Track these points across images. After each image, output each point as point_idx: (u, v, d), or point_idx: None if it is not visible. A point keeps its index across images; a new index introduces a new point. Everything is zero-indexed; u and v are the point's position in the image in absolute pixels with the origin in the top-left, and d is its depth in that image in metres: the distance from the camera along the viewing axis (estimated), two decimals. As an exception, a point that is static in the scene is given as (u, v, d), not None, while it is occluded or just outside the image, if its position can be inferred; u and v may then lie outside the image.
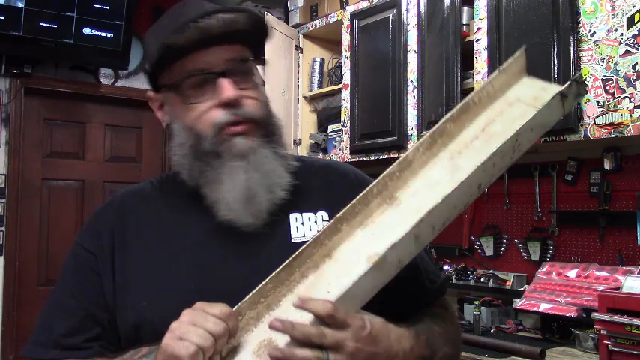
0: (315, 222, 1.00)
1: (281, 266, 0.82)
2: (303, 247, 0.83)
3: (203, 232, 0.95)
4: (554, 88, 0.88)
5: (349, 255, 0.83)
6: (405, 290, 0.96)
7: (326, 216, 1.01)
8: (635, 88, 1.92)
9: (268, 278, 0.82)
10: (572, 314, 2.09)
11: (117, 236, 0.97)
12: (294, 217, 0.99)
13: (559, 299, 2.18)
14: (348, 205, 0.85)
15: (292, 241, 0.96)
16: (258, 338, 0.79)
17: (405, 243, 0.77)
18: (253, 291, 0.81)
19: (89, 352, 0.93)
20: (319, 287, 0.80)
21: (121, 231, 0.98)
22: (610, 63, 1.98)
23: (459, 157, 0.87)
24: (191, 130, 0.94)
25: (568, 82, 0.87)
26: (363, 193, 0.86)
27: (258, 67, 1.02)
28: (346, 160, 2.95)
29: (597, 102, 2.01)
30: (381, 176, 0.87)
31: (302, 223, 0.99)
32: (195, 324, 0.75)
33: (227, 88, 0.91)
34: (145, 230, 0.98)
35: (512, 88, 0.94)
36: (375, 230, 0.85)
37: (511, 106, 0.91)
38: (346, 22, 3.09)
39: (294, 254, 0.83)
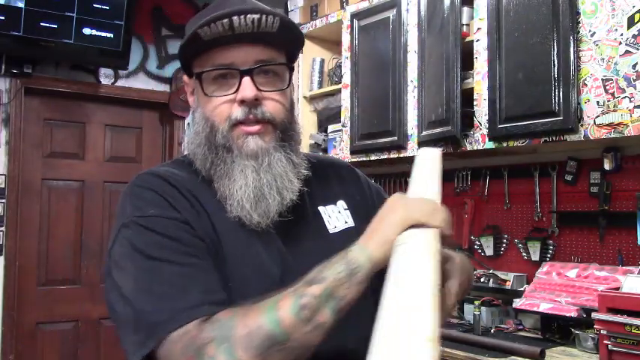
0: (339, 212, 1.04)
1: None
2: None
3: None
4: None
5: None
6: None
7: (345, 205, 1.06)
8: (635, 88, 1.91)
9: None
10: (572, 314, 2.09)
11: (196, 203, 0.91)
12: (322, 210, 1.03)
13: (559, 299, 2.18)
14: None
15: (330, 232, 1.01)
16: None
17: None
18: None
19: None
20: None
21: (195, 200, 0.91)
22: (610, 63, 1.98)
23: None
24: (208, 120, 0.95)
25: None
26: None
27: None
28: (346, 160, 2.95)
29: (597, 102, 2.01)
30: None
31: (329, 216, 1.03)
32: None
33: (248, 87, 0.92)
34: (213, 209, 0.92)
35: None
36: None
37: None
38: (346, 22, 3.08)
39: None
